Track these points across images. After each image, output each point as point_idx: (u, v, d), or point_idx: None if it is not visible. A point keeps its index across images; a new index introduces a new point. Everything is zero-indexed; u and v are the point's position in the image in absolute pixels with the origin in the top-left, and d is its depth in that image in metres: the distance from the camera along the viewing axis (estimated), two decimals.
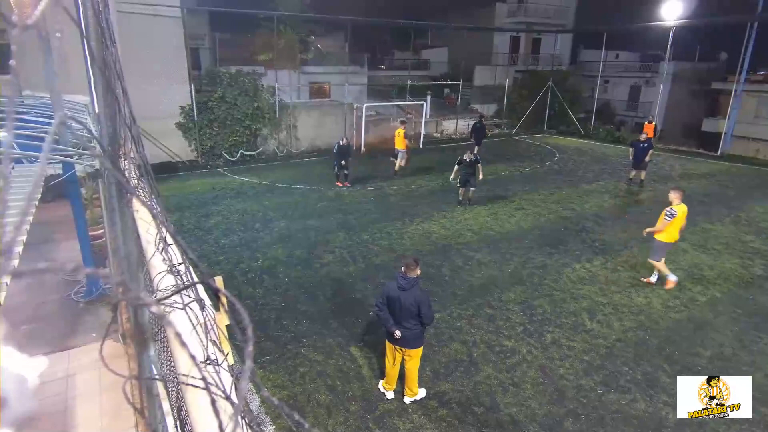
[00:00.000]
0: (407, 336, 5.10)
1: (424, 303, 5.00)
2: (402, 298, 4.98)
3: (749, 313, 7.46)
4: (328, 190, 14.09)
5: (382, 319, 5.18)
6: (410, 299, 4.96)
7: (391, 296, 5.08)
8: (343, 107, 21.08)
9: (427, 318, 5.05)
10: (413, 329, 5.09)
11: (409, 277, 5.02)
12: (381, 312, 5.17)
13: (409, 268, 5.04)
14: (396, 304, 5.03)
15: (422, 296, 5.03)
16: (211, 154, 17.90)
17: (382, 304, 5.15)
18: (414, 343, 5.18)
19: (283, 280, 8.37)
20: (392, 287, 5.11)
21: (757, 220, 11.86)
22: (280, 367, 6.01)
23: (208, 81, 17.99)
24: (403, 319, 5.04)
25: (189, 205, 12.49)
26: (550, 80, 26.69)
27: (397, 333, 5.07)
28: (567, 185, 15.08)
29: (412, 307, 4.97)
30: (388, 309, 5.12)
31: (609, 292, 8.08)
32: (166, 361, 2.14)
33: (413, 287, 5.01)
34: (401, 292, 5.00)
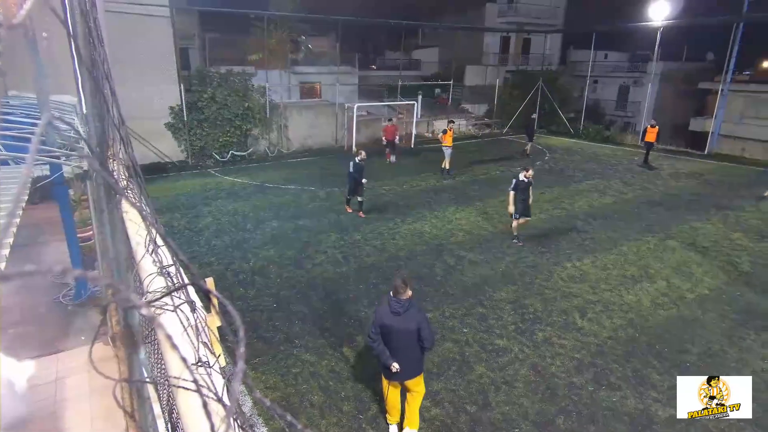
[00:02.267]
0: (406, 366, 4.59)
1: (425, 325, 4.53)
2: (397, 324, 4.48)
3: (737, 310, 7.56)
4: (319, 190, 14.06)
5: (377, 352, 4.63)
6: (408, 323, 4.48)
7: (384, 324, 4.53)
8: (335, 107, 21.05)
9: (428, 341, 4.56)
10: (412, 355, 4.60)
11: (402, 299, 4.51)
12: (375, 343, 4.59)
13: (399, 291, 4.52)
14: (391, 331, 4.52)
15: (421, 317, 4.57)
16: (202, 155, 17.78)
17: (376, 334, 4.58)
18: (413, 371, 4.69)
19: (275, 280, 8.33)
20: (384, 313, 4.55)
21: (744, 218, 12.02)
22: (273, 368, 5.99)
23: (198, 81, 17.87)
24: (401, 347, 4.54)
25: (179, 206, 12.39)
26: (541, 80, 26.86)
27: (395, 366, 4.53)
28: (557, 185, 15.19)
29: (411, 331, 4.48)
30: (383, 338, 4.57)
31: (599, 290, 8.15)
32: (157, 363, 2.12)
33: (409, 309, 4.51)
34: (395, 317, 4.48)
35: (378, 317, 4.61)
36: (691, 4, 25.61)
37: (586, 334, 6.82)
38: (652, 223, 11.57)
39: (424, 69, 33.15)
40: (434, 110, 27.32)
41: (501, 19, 32.68)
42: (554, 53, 34.08)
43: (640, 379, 5.88)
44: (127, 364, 1.61)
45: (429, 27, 32.71)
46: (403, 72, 27.13)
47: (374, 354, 4.75)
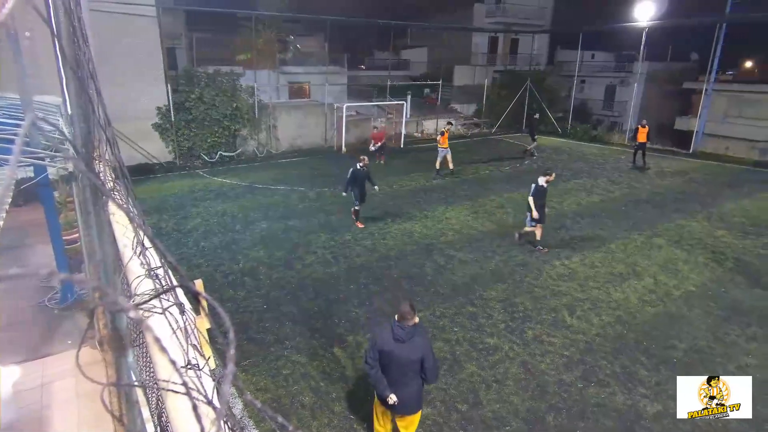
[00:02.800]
0: (405, 399, 4.19)
1: (430, 355, 4.14)
2: (399, 352, 4.09)
3: (722, 306, 7.69)
4: (309, 191, 14.01)
5: (373, 380, 4.24)
6: (411, 352, 4.08)
7: (384, 350, 4.13)
8: (324, 107, 21.00)
9: (432, 374, 4.19)
10: (412, 388, 4.20)
11: (408, 326, 4.13)
12: (372, 370, 4.19)
13: (405, 317, 4.14)
14: (392, 359, 4.12)
15: (426, 347, 4.16)
16: (189, 156, 17.63)
17: (374, 360, 4.18)
18: (412, 407, 4.31)
19: (265, 281, 8.29)
20: (386, 338, 4.16)
21: (728, 215, 12.23)
22: (263, 369, 5.96)
23: (185, 81, 17.70)
24: (401, 377, 4.15)
25: (167, 207, 12.27)
26: (529, 80, 27.06)
27: (392, 398, 4.15)
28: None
29: (413, 361, 4.10)
30: (380, 365, 4.19)
31: (588, 288, 8.23)
32: (146, 366, 2.10)
33: (414, 337, 4.12)
34: (398, 344, 4.09)
35: (378, 341, 4.20)
36: (676, 5, 25.98)
37: (575, 332, 6.88)
38: (639, 221, 11.71)
39: (413, 69, 33.23)
40: (423, 110, 27.39)
41: (489, 20, 32.86)
42: (542, 53, 34.38)
43: (628, 375, 5.95)
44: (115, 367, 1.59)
45: (418, 27, 32.78)
46: (392, 72, 27.15)
47: (370, 382, 4.32)
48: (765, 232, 11.03)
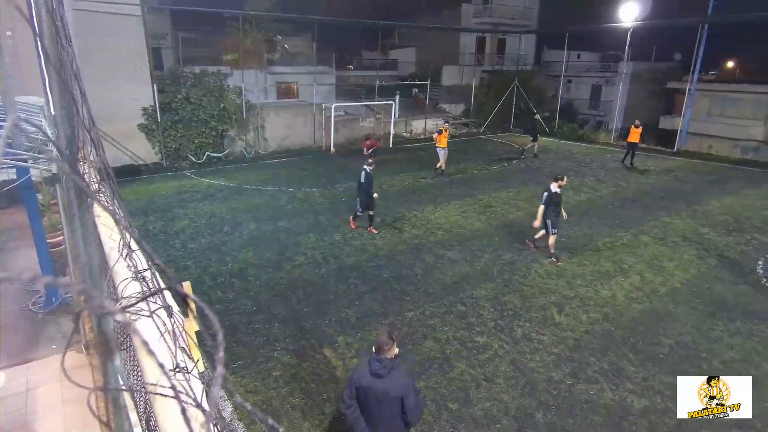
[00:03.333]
0: None
1: (410, 392, 3.70)
2: (377, 389, 3.66)
3: (706, 302, 7.82)
4: (298, 191, 13.95)
5: (349, 421, 3.81)
6: (390, 388, 3.65)
7: (362, 386, 3.72)
8: (312, 107, 20.93)
9: (414, 414, 3.74)
10: (393, 430, 3.79)
11: (386, 358, 3.70)
12: (349, 410, 3.78)
13: (383, 348, 3.71)
14: (368, 397, 3.71)
15: (408, 383, 3.73)
16: (176, 157, 17.45)
17: (351, 398, 3.78)
18: None
19: (254, 283, 8.24)
20: (363, 374, 3.73)
21: (712, 213, 12.44)
22: (253, 371, 5.92)
23: (171, 81, 17.52)
24: (380, 417, 3.74)
25: (154, 209, 12.14)
26: (516, 80, 27.25)
27: None
28: (534, 183, 15.43)
29: (393, 399, 3.67)
30: (358, 404, 3.79)
31: (576, 285, 8.32)
32: (133, 370, 2.08)
33: (392, 371, 3.68)
34: (376, 380, 3.66)
35: (355, 377, 3.79)
36: (659, 6, 26.38)
37: (564, 329, 6.95)
38: (626, 219, 11.87)
39: (401, 69, 33.28)
40: (412, 110, 27.44)
41: (476, 20, 33.04)
42: (529, 53, 34.63)
43: (616, 371, 6.03)
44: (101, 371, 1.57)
45: (405, 27, 32.84)
46: (381, 72, 27.16)
47: (347, 424, 3.88)
48: (748, 229, 11.25)
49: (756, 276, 8.80)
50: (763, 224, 11.58)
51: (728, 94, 25.95)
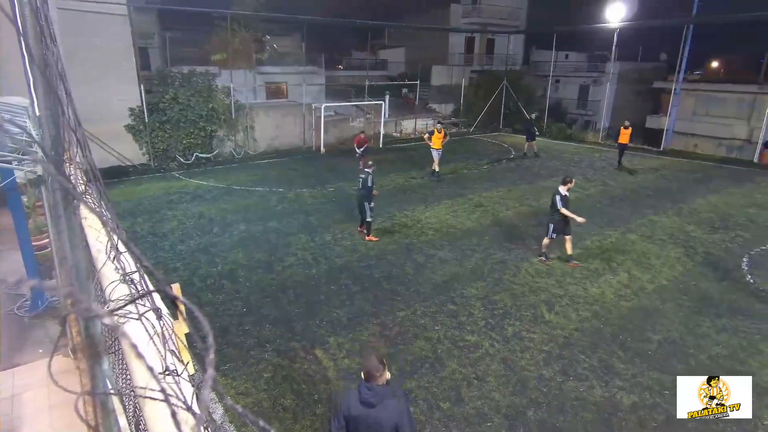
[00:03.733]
0: None
1: (406, 422, 3.32)
2: (368, 419, 3.33)
3: (693, 299, 7.93)
4: (288, 192, 13.90)
5: None
6: (382, 418, 3.31)
7: (351, 416, 3.38)
8: (302, 108, 20.86)
9: None
10: None
11: (377, 385, 3.37)
12: None
13: (373, 374, 3.37)
14: (360, 427, 3.37)
15: (402, 411, 3.35)
16: (165, 157, 17.28)
17: (339, 429, 3.44)
18: None
19: (244, 284, 8.19)
20: (352, 402, 3.40)
21: (698, 210, 12.62)
22: (244, 373, 5.89)
23: (158, 82, 17.35)
24: None
25: (142, 210, 12.01)
26: (505, 80, 27.41)
27: None
28: (523, 182, 15.54)
29: (386, 429, 3.32)
30: None
31: (565, 284, 8.39)
32: (122, 374, 2.05)
33: (385, 400, 3.33)
34: (367, 409, 3.33)
35: (343, 406, 3.46)
36: (646, 6, 26.70)
37: (554, 327, 7.00)
38: (614, 217, 11.99)
39: (390, 69, 33.32)
40: (402, 110, 27.48)
41: (465, 20, 33.19)
42: (517, 54, 34.86)
43: (606, 368, 6.09)
44: (89, 375, 1.55)
45: (395, 27, 32.86)
46: (370, 72, 27.18)
47: None
48: (732, 226, 11.43)
49: (741, 273, 8.95)
50: (747, 222, 11.78)
51: (713, 93, 26.33)
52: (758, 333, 6.89)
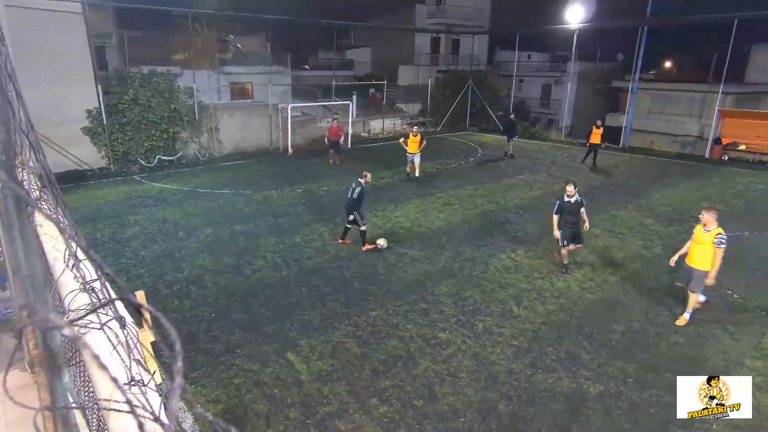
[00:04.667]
0: None
1: None
2: None
3: (652, 289, 8.27)
4: (255, 194, 13.67)
5: None
6: None
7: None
8: (268, 108, 20.57)
9: None
10: None
11: None
12: None
13: None
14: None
15: None
16: (125, 161, 16.71)
17: None
18: None
19: (212, 289, 8.01)
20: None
21: (655, 205, 13.17)
22: (214, 380, 5.76)
23: (117, 82, 16.75)
24: None
25: (102, 216, 11.56)
26: (470, 80, 27.83)
27: None
28: (490, 180, 15.81)
29: None
30: None
31: (532, 278, 8.59)
32: (84, 386, 1.97)
33: None
34: None
35: None
36: (603, 8, 27.64)
37: (523, 321, 7.16)
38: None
39: (357, 69, 33.28)
40: (369, 110, 27.51)
41: (430, 20, 33.51)
42: (482, 54, 35.47)
43: (572, 359, 6.27)
44: (48, 390, 1.48)
45: (360, 27, 32.83)
46: (337, 72, 27.08)
47: None
48: (687, 219, 11.97)
49: None
50: (699, 214, 12.34)
51: (666, 92, 27.55)
52: (713, 320, 7.24)
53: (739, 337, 6.79)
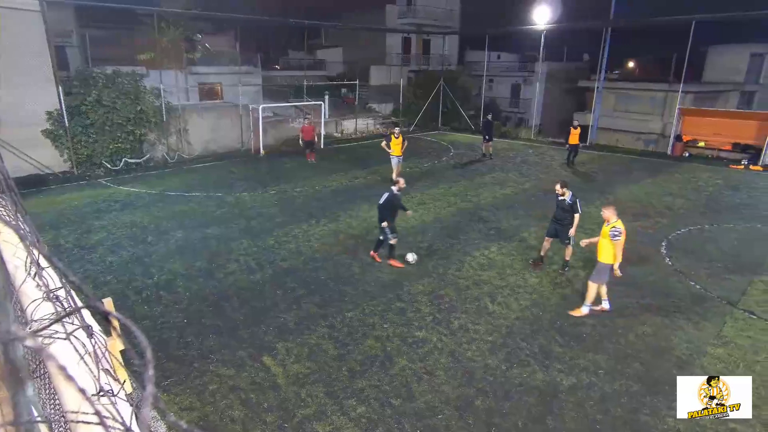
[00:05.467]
0: None
1: None
2: None
3: (620, 283, 8.49)
4: (227, 196, 13.44)
5: None
6: None
7: None
8: (238, 109, 20.24)
9: None
10: None
11: None
12: None
13: None
14: None
15: None
16: (90, 164, 16.15)
17: None
18: None
19: (184, 294, 7.83)
20: None
21: (621, 200, 13.57)
22: (187, 387, 5.63)
23: (79, 83, 16.17)
24: None
25: (66, 222, 11.15)
26: (442, 80, 28.08)
27: None
28: (463, 179, 15.99)
29: None
30: None
31: (506, 275, 8.73)
32: (50, 399, 1.90)
33: None
34: None
35: None
36: (569, 10, 28.32)
37: (497, 318, 7.27)
38: (548, 210, 12.55)
39: (329, 69, 33.11)
40: (342, 110, 27.42)
41: (401, 20, 33.65)
42: (453, 54, 35.84)
43: (546, 353, 6.40)
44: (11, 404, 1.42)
45: (330, 27, 32.69)
46: (308, 72, 26.86)
47: None
48: (651, 214, 12.40)
49: (660, 256, 9.73)
50: (663, 209, 12.83)
51: (630, 92, 28.50)
52: (677, 310, 7.53)
53: (702, 326, 7.08)
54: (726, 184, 15.80)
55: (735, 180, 16.33)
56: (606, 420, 5.22)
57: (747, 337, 6.79)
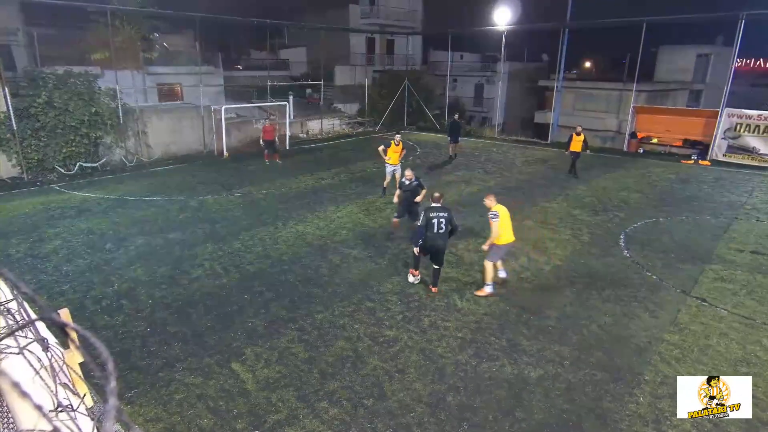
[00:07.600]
0: None
1: None
2: None
3: (582, 275, 8.82)
4: (190, 200, 13.08)
5: None
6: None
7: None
8: (200, 110, 19.73)
9: None
10: None
11: None
12: None
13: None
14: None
15: None
16: (41, 169, 15.39)
17: None
18: None
19: (147, 302, 7.57)
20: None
21: (581, 196, 14.05)
22: (152, 398, 5.45)
23: (27, 84, 15.37)
24: None
25: (16, 230, 10.58)
26: (406, 80, 28.27)
27: None
28: (429, 178, 16.12)
29: None
30: None
31: (473, 271, 8.87)
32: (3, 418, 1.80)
33: None
34: None
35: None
36: (528, 11, 29.05)
37: (466, 314, 7.38)
38: (511, 206, 12.76)
39: (293, 69, 32.75)
40: (307, 110, 27.17)
41: (364, 21, 33.65)
42: (417, 54, 36.11)
43: (514, 347, 6.55)
44: None
45: (293, 26, 32.32)
46: (272, 72, 26.46)
47: None
48: (610, 208, 12.89)
49: (619, 248, 10.12)
50: (620, 203, 13.35)
51: (587, 90, 29.52)
52: (635, 300, 7.86)
53: (658, 314, 7.41)
54: (678, 178, 16.61)
55: (686, 174, 17.19)
56: (572, 409, 5.39)
57: (700, 323, 7.16)
